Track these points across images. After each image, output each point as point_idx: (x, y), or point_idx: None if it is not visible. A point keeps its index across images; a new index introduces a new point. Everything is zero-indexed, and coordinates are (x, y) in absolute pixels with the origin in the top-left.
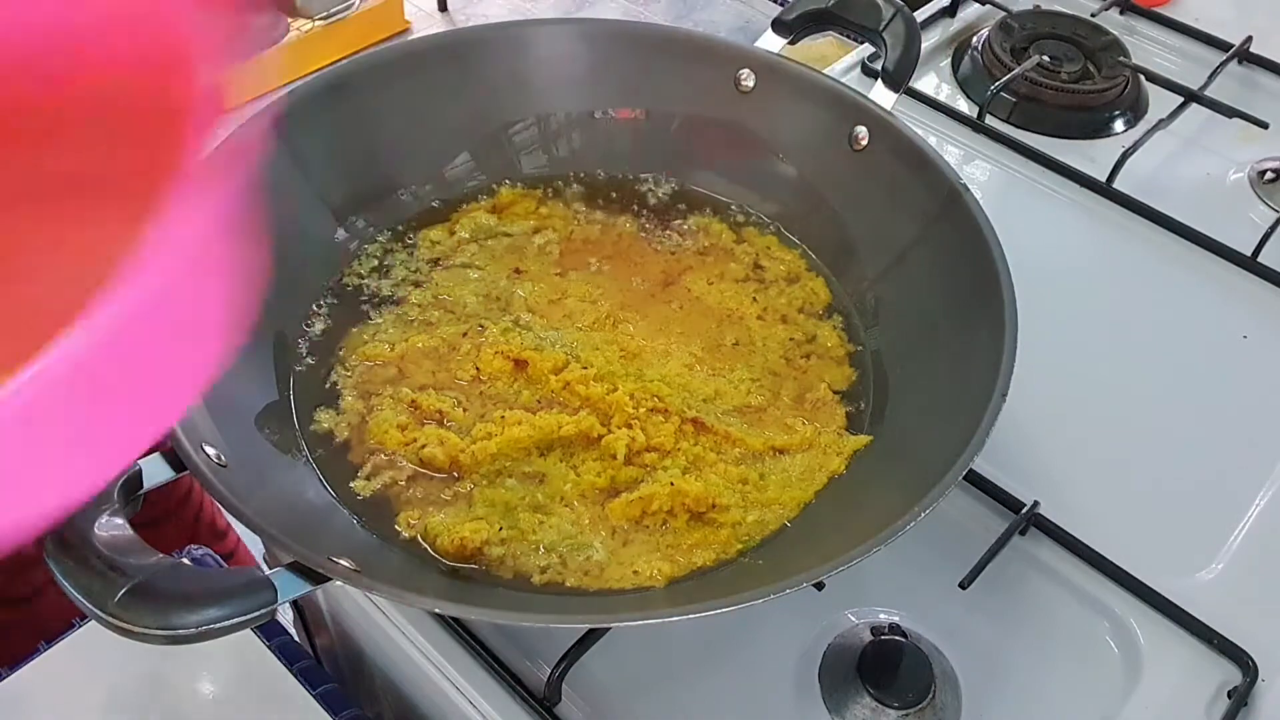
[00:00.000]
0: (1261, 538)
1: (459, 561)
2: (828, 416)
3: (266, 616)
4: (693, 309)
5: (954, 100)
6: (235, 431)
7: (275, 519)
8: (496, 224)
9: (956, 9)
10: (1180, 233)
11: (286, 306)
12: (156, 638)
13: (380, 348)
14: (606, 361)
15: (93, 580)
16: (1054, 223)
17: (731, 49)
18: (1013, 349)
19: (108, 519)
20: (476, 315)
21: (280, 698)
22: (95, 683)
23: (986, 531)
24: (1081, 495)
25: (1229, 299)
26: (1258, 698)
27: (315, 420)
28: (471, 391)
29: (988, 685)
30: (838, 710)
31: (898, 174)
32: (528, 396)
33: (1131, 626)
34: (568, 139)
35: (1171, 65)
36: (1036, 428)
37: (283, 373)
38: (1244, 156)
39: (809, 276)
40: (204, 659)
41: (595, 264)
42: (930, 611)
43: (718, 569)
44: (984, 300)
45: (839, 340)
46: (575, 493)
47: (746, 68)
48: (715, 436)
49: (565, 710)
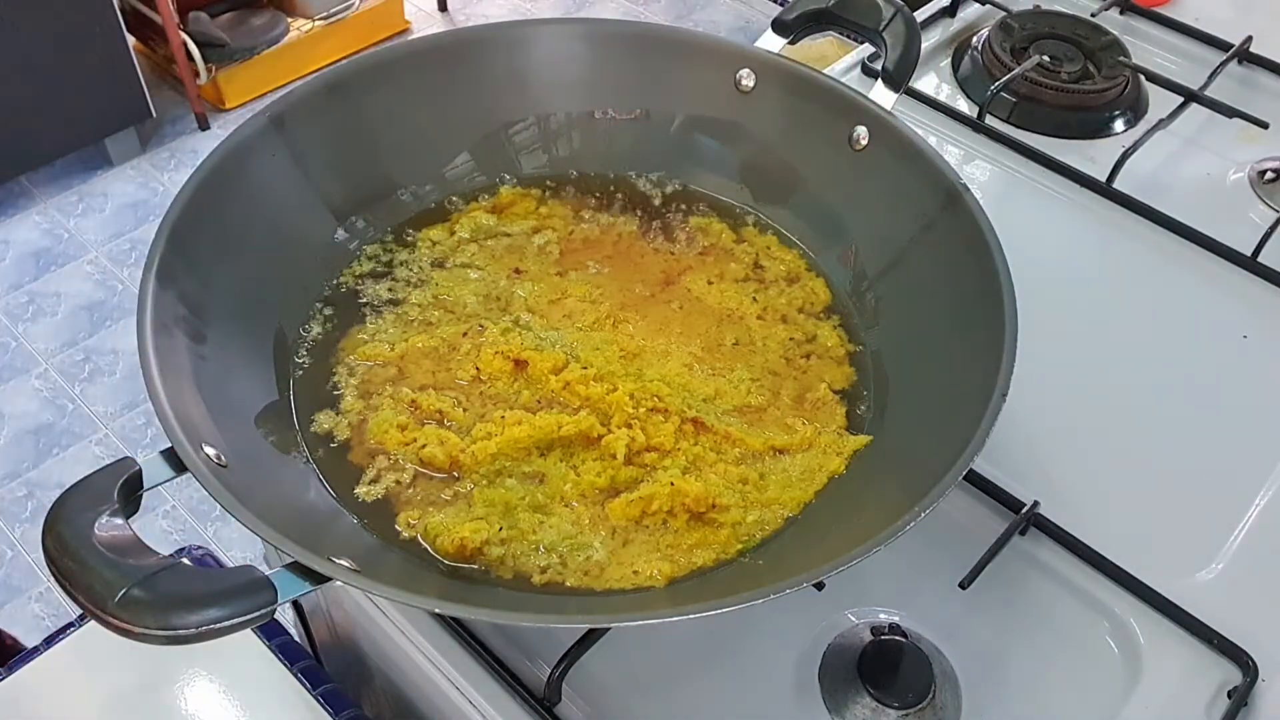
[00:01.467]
0: (1261, 538)
1: (459, 561)
2: (828, 416)
3: (266, 616)
4: (693, 309)
5: (954, 100)
6: (235, 431)
7: (275, 519)
8: (496, 224)
9: (956, 9)
10: (1180, 233)
11: (286, 306)
12: (156, 638)
13: (380, 348)
14: (606, 361)
15: (93, 580)
16: (1054, 223)
17: (731, 49)
18: (1013, 349)
19: (108, 519)
20: (476, 315)
21: (280, 698)
22: (95, 683)
23: (986, 531)
24: (1081, 495)
25: (1229, 299)
26: (1258, 698)
27: (315, 420)
28: (471, 391)
29: (988, 685)
30: (838, 710)
31: (898, 174)
32: (528, 396)
33: (1131, 626)
34: (568, 139)
35: (1171, 65)
36: (1036, 428)
37: (283, 373)
38: (1244, 156)
39: (809, 276)
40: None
41: (595, 264)
42: (930, 611)
43: (718, 569)
44: (984, 300)
45: (839, 340)
46: (575, 493)
47: (746, 68)
48: (715, 436)
49: (565, 710)
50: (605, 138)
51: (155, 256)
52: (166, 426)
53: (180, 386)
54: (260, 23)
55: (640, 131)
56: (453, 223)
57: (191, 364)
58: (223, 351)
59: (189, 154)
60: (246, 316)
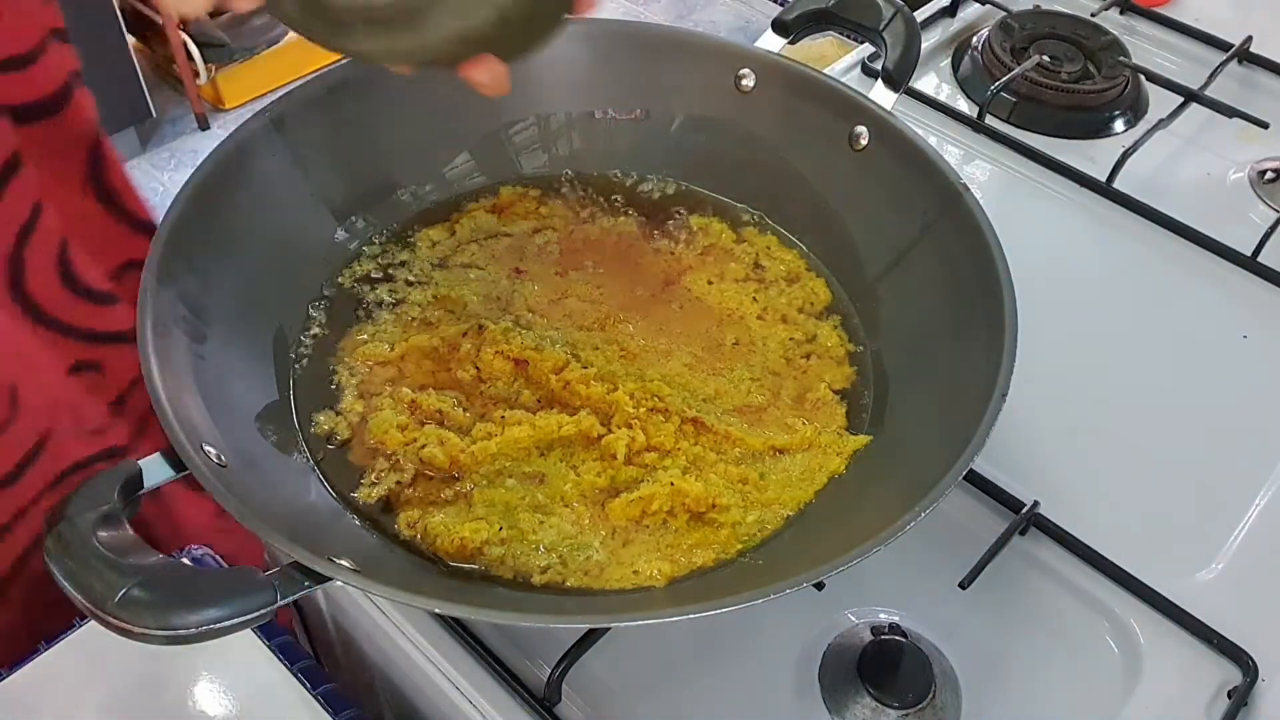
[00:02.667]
0: (1261, 538)
1: (459, 561)
2: (828, 416)
3: (266, 616)
4: (693, 309)
5: (954, 100)
6: (235, 431)
7: (275, 519)
8: (497, 224)
9: (956, 9)
10: (1180, 233)
11: (286, 306)
12: (156, 638)
13: (380, 348)
14: (607, 361)
15: (93, 580)
16: (1054, 223)
17: (731, 49)
18: (1013, 349)
19: (108, 519)
20: (477, 315)
21: (280, 698)
22: (95, 683)
23: (986, 531)
24: (1081, 495)
25: (1229, 299)
26: (1258, 698)
27: (315, 420)
28: (472, 391)
29: (988, 685)
30: (838, 710)
31: (898, 174)
32: (528, 396)
33: (1131, 626)
34: (568, 139)
35: (1171, 65)
36: (1036, 428)
37: (282, 373)
38: (1244, 156)
39: (809, 276)
40: (204, 659)
41: (595, 264)
42: (930, 611)
43: (718, 569)
44: (984, 300)
45: (839, 340)
46: (575, 493)
47: (746, 68)
48: (715, 436)
49: (565, 710)
50: (605, 138)
51: (155, 256)
52: (166, 426)
53: (180, 386)
54: (260, 23)
55: (640, 131)
56: (453, 223)
57: (191, 364)
58: (223, 351)
59: (189, 154)
60: (246, 316)
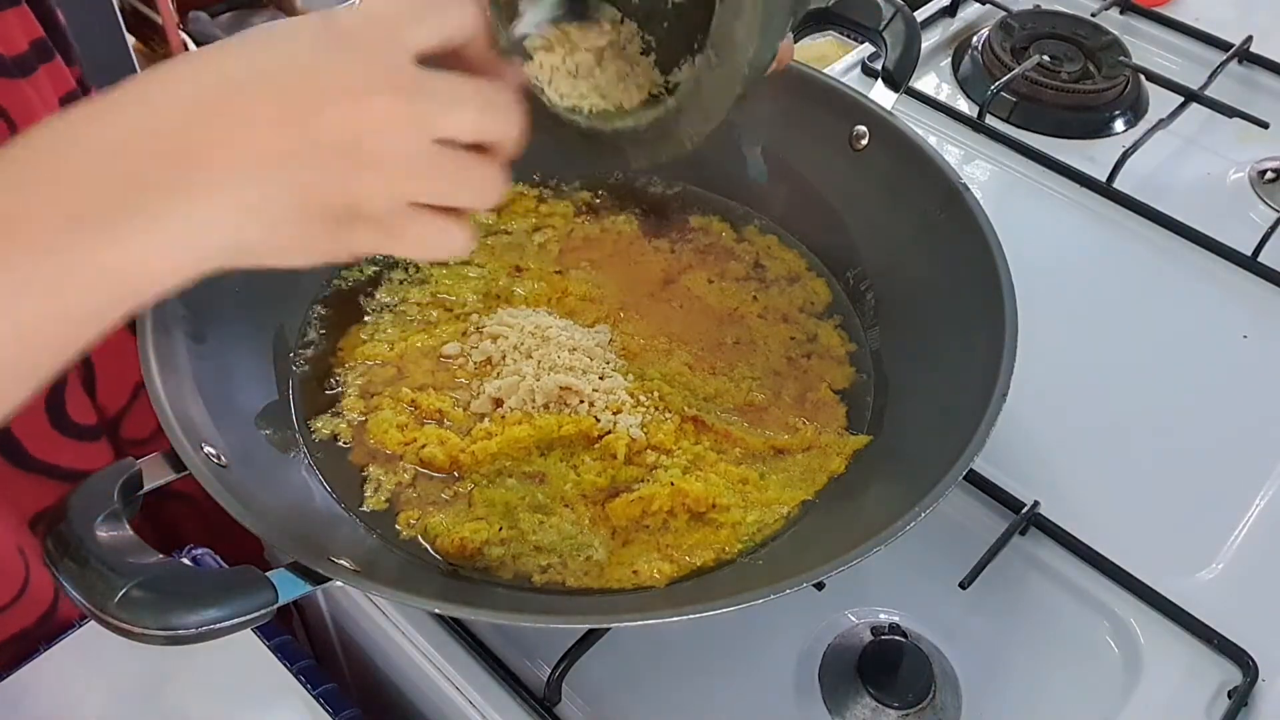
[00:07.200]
0: (1261, 538)
1: (459, 562)
2: (828, 416)
3: (266, 616)
4: (693, 308)
5: (954, 100)
6: (235, 431)
7: (275, 519)
8: (496, 222)
9: (956, 9)
10: (1180, 232)
11: (286, 306)
12: (156, 638)
13: (380, 347)
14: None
15: (93, 580)
16: (1054, 223)
17: None
18: (1013, 349)
19: (108, 519)
20: (477, 314)
21: (280, 698)
22: (95, 683)
23: (986, 531)
24: (1081, 495)
25: (1229, 299)
26: (1258, 698)
27: (315, 420)
28: (472, 391)
29: (988, 685)
30: (838, 710)
31: (898, 174)
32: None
33: (1131, 626)
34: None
35: (1171, 65)
36: (1036, 428)
37: (282, 373)
38: (1244, 156)
39: (809, 276)
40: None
41: (595, 262)
42: (930, 611)
43: (718, 569)
44: (984, 300)
45: (840, 340)
46: (575, 493)
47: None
48: (716, 435)
49: (565, 710)
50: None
51: None
52: (166, 426)
53: (180, 386)
54: (260, 23)
55: None
56: None
57: (191, 364)
58: (223, 351)
59: None
60: (246, 316)
